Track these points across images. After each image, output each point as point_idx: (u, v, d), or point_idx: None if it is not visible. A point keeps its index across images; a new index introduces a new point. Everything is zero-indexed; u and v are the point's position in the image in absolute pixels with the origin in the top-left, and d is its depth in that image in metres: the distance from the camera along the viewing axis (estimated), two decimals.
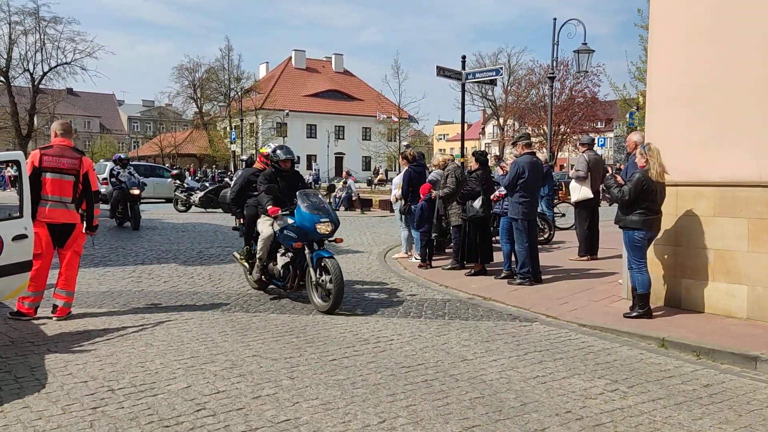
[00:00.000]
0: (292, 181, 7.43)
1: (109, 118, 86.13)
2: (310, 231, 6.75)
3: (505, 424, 3.84)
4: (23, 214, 5.58)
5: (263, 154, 7.89)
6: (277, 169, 7.35)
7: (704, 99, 6.53)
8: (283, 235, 6.99)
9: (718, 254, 6.47)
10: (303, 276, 6.92)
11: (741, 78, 6.28)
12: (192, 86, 58.98)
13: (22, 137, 35.53)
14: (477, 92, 54.73)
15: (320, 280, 6.65)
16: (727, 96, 6.37)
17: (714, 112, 6.47)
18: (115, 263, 9.76)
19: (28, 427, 3.70)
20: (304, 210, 6.80)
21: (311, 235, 6.79)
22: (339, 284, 6.43)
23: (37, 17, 34.47)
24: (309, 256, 6.73)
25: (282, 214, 6.99)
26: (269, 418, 3.86)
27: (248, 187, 7.77)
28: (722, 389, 4.56)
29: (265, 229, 7.23)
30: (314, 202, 6.98)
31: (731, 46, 6.35)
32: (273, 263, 7.25)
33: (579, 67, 17.15)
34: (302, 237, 6.79)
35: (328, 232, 6.84)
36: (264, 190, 7.08)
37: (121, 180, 14.76)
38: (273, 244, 7.24)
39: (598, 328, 6.16)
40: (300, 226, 6.80)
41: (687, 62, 6.68)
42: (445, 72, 14.29)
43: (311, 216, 6.74)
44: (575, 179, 10.31)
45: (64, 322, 6.13)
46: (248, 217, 7.76)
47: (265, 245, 7.22)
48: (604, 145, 37.66)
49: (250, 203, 7.75)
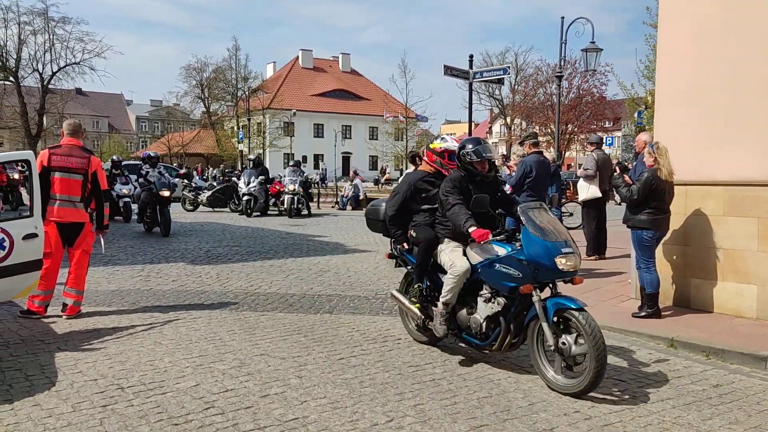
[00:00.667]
0: (491, 189, 5.16)
1: (117, 117, 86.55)
2: (546, 267, 4.46)
3: (513, 424, 3.84)
4: (33, 213, 5.62)
5: (436, 150, 5.57)
6: (470, 172, 5.11)
7: (713, 98, 6.50)
8: (494, 271, 4.73)
9: (727, 254, 6.43)
10: (518, 333, 4.72)
11: (750, 77, 6.24)
12: (199, 86, 59.16)
13: (32, 137, 35.72)
14: (484, 91, 54.71)
15: (561, 343, 4.39)
16: (736, 95, 6.34)
17: (723, 111, 6.44)
18: (123, 262, 9.81)
19: (38, 424, 3.73)
20: (534, 234, 4.55)
21: (545, 274, 4.51)
22: (601, 354, 4.14)
23: (46, 17, 34.65)
24: (541, 305, 4.49)
25: (493, 240, 4.78)
26: (277, 417, 3.87)
27: (413, 198, 5.47)
28: (732, 389, 4.54)
29: (457, 260, 4.95)
30: (549, 223, 4.74)
31: (740, 45, 6.31)
32: (468, 310, 4.99)
33: (587, 65, 17.08)
34: (529, 276, 4.52)
35: (573, 269, 4.49)
36: (471, 202, 4.83)
37: (150, 180, 13.38)
38: (467, 283, 5.01)
39: (607, 327, 6.12)
40: (531, 260, 4.50)
41: (696, 61, 6.65)
42: (452, 71, 14.28)
43: (549, 245, 4.48)
44: (584, 178, 10.29)
45: (73, 321, 6.17)
46: (425, 241, 5.28)
47: (457, 285, 4.94)
48: (612, 144, 37.50)
49: (419, 221, 5.42)
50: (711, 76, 6.53)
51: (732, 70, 6.38)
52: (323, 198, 26.09)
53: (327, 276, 8.90)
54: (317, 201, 24.17)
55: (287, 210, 18.49)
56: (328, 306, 6.99)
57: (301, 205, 19.11)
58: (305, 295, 7.57)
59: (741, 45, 6.31)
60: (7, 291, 5.43)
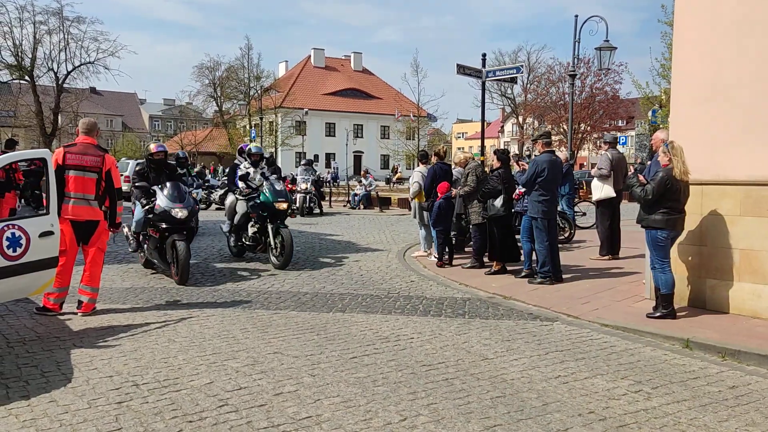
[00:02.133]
0: None
1: (131, 116, 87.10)
2: None
3: (527, 424, 3.82)
4: (50, 211, 5.67)
5: None
6: None
7: (729, 97, 6.43)
8: None
9: (743, 254, 6.36)
10: None
11: (767, 76, 6.17)
12: (212, 85, 59.33)
13: (47, 135, 36.01)
14: (496, 90, 54.43)
15: None
16: (753, 94, 6.26)
17: (739, 110, 6.37)
18: (138, 260, 9.87)
19: (54, 420, 3.77)
20: None
21: None
22: None
23: (61, 17, 34.88)
24: None
25: None
26: (291, 415, 3.88)
27: None
28: (748, 391, 4.49)
29: None
30: None
31: (757, 44, 6.24)
32: None
33: (601, 64, 16.97)
34: None
35: None
36: None
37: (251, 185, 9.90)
38: None
39: (621, 328, 6.09)
40: None
41: (712, 58, 6.58)
42: (465, 70, 14.23)
43: None
44: (598, 177, 10.22)
45: (88, 318, 6.22)
46: None
47: None
48: (626, 143, 37.22)
49: None
50: (729, 74, 6.46)
51: (750, 68, 6.30)
52: (335, 197, 26.12)
53: (339, 274, 8.91)
54: (329, 200, 24.21)
55: (299, 209, 18.52)
56: (341, 304, 7.00)
57: (313, 204, 19.14)
58: (318, 293, 7.58)
59: (760, 43, 6.23)
60: (23, 288, 5.48)
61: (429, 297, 7.48)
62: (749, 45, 6.30)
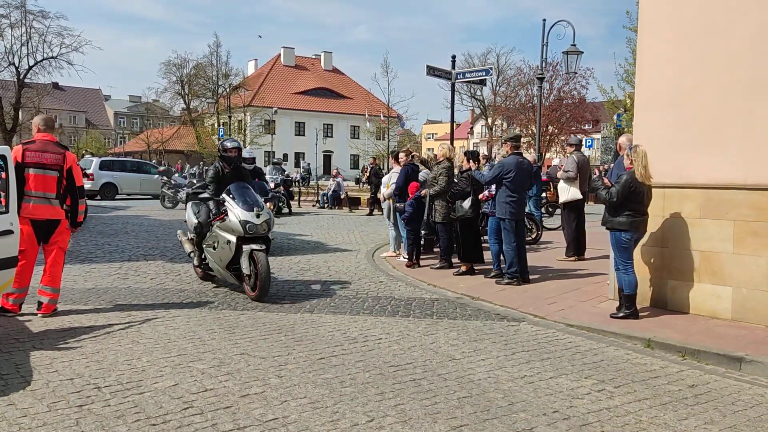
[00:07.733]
0: None
1: (95, 113, 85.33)
2: None
3: (492, 424, 3.85)
4: (9, 210, 5.52)
5: None
6: None
7: (691, 101, 6.59)
8: None
9: (703, 256, 6.53)
10: None
11: (727, 81, 6.34)
12: (180, 82, 58.50)
13: (7, 132, 35.03)
14: (466, 92, 54.86)
15: None
16: (714, 99, 6.43)
17: (701, 114, 6.53)
18: (101, 260, 9.67)
19: (13, 424, 3.66)
20: None
21: None
22: None
23: (24, 10, 34.03)
24: None
25: None
26: (257, 417, 3.85)
27: None
28: (707, 390, 4.61)
29: None
30: None
31: (718, 49, 6.41)
32: None
33: (568, 68, 17.26)
34: None
35: None
36: None
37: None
38: None
39: (585, 328, 6.20)
40: None
41: (675, 65, 6.73)
42: (435, 71, 14.32)
43: None
44: (564, 180, 10.38)
45: (49, 319, 6.07)
46: None
47: None
48: (592, 146, 37.84)
49: None
50: (690, 79, 6.62)
51: (711, 74, 6.47)
52: (304, 197, 26.00)
53: (308, 275, 8.87)
54: (298, 199, 24.08)
55: None
56: (309, 305, 6.96)
57: (282, 204, 19.01)
58: (285, 294, 7.53)
59: (720, 49, 6.40)
60: None
61: (397, 297, 7.50)
62: (709, 52, 6.47)
